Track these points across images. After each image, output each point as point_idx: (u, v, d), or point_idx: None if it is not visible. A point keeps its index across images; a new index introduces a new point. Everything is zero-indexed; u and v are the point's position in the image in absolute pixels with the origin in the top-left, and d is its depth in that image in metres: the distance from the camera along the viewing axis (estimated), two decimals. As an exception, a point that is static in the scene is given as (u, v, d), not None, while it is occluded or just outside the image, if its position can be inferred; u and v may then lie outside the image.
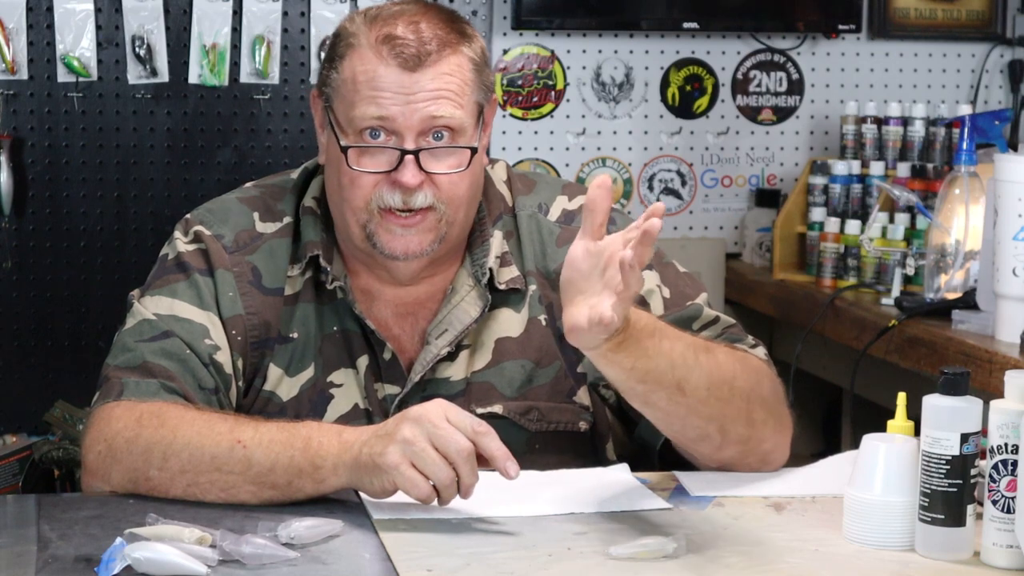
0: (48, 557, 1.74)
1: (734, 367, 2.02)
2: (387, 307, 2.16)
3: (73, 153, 4.02)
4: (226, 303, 2.11)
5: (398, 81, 2.05)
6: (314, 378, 2.13)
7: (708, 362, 1.98)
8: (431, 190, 2.07)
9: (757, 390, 2.04)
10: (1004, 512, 1.76)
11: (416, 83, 2.05)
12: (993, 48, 4.49)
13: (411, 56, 2.05)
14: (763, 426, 2.05)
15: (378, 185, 2.07)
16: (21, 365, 4.02)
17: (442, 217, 2.09)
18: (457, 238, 2.14)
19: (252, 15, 4.03)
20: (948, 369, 1.78)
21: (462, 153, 2.08)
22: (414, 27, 2.07)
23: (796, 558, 1.79)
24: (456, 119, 2.06)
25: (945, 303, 3.30)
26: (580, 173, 4.32)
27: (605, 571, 1.73)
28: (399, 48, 2.05)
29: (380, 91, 2.05)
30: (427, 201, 2.07)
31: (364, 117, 2.06)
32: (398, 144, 2.06)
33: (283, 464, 1.90)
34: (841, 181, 3.98)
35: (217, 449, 1.92)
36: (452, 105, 2.06)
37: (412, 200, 2.07)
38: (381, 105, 2.05)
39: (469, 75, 2.09)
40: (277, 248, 2.16)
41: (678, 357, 1.95)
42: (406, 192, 2.06)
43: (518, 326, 2.16)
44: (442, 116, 2.05)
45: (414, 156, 2.05)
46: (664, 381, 1.94)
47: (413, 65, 2.05)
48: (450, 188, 2.08)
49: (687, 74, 4.36)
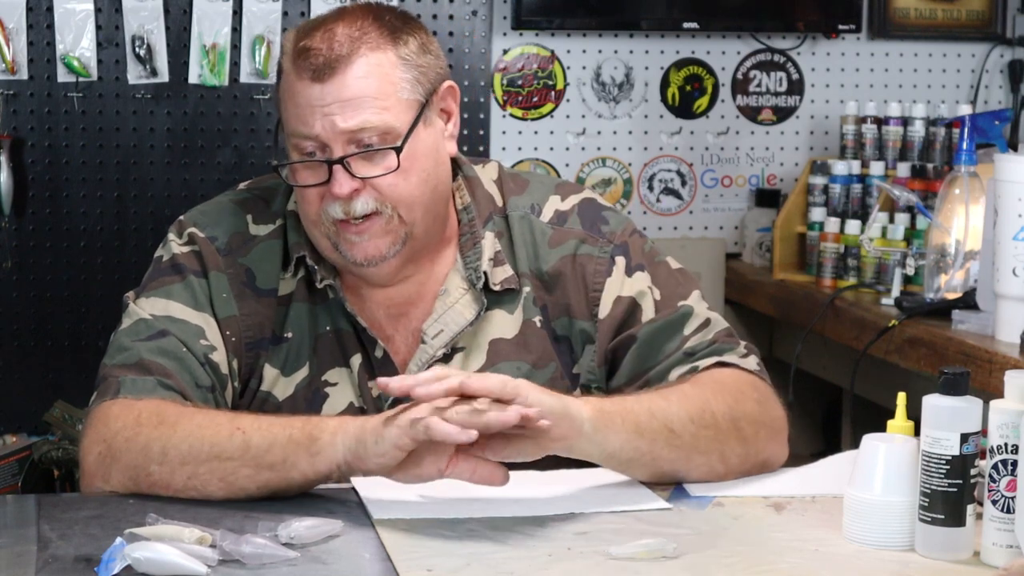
0: (48, 557, 1.74)
1: (704, 395, 2.03)
2: (379, 307, 2.16)
3: (73, 153, 4.02)
4: (220, 304, 2.12)
5: (311, 94, 2.04)
6: (309, 377, 2.13)
7: (679, 399, 2.01)
8: (371, 195, 2.06)
9: (739, 408, 2.05)
10: (1004, 512, 1.76)
11: (329, 94, 2.04)
12: (993, 48, 4.49)
13: (320, 66, 2.04)
14: (755, 438, 2.06)
15: (324, 199, 2.07)
16: (21, 365, 4.02)
17: (391, 219, 2.07)
18: (427, 235, 2.13)
19: (252, 15, 4.03)
20: (948, 369, 1.78)
21: (391, 154, 2.06)
22: (328, 34, 2.06)
23: (796, 558, 1.79)
24: (380, 124, 2.04)
25: (945, 303, 3.30)
26: (580, 173, 4.32)
27: (605, 571, 1.73)
28: (311, 60, 2.04)
29: (300, 107, 2.05)
30: (368, 207, 2.06)
31: (294, 134, 2.07)
32: (329, 156, 2.05)
33: (280, 442, 1.89)
34: (841, 181, 3.98)
35: (216, 438, 1.92)
36: (373, 109, 2.04)
37: (352, 208, 2.06)
38: (304, 122, 2.05)
39: (395, 73, 2.06)
40: (270, 250, 2.16)
41: (652, 404, 1.98)
42: (344, 202, 2.05)
43: (512, 328, 2.16)
44: (361, 127, 2.04)
45: (341, 165, 2.04)
46: (655, 429, 1.97)
47: (322, 75, 2.03)
48: (391, 190, 2.06)
49: (687, 74, 4.36)
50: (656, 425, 1.97)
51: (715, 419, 2.01)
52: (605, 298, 2.16)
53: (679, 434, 1.98)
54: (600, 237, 2.20)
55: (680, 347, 2.13)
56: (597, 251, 2.19)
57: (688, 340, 2.14)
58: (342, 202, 2.05)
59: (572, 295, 2.17)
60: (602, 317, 2.16)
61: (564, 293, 2.17)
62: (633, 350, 2.14)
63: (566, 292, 2.17)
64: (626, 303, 2.16)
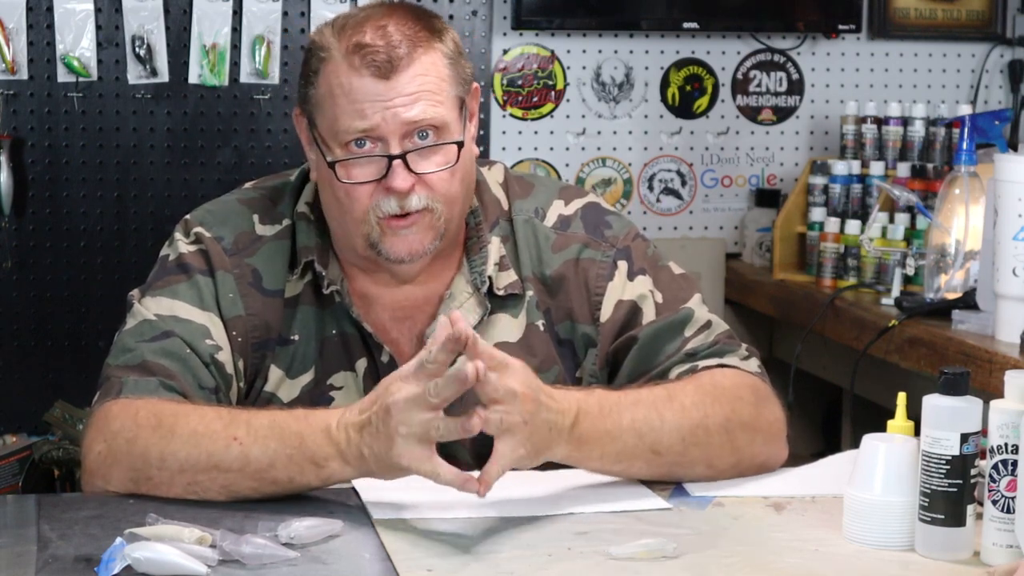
0: (48, 557, 1.74)
1: (703, 405, 2.02)
2: (384, 311, 2.16)
3: (73, 153, 4.02)
4: (227, 304, 2.11)
5: (374, 90, 2.05)
6: (314, 380, 2.13)
7: (674, 415, 2.00)
8: (424, 191, 2.07)
9: (735, 416, 2.04)
10: (1004, 512, 1.76)
11: (392, 89, 2.05)
12: (993, 48, 4.49)
13: (383, 63, 2.04)
14: (750, 446, 2.06)
15: (374, 194, 2.07)
16: (21, 365, 4.02)
17: (440, 216, 2.09)
18: (454, 233, 2.14)
19: (252, 15, 4.02)
20: (948, 369, 1.78)
21: (449, 149, 2.08)
22: (382, 32, 2.06)
23: (796, 558, 1.79)
24: (438, 117, 2.06)
25: (945, 303, 3.30)
26: (580, 173, 4.32)
27: (605, 571, 1.73)
28: (370, 56, 2.05)
29: (359, 102, 2.05)
30: (422, 203, 2.07)
31: (348, 131, 2.06)
32: (384, 151, 2.06)
33: (282, 462, 1.90)
34: (841, 181, 3.98)
35: (213, 447, 1.91)
36: (432, 104, 2.06)
37: (407, 204, 2.06)
38: (362, 116, 2.05)
39: (444, 70, 2.08)
40: (276, 251, 2.16)
41: (643, 424, 1.97)
42: (400, 197, 2.06)
43: (516, 331, 2.16)
44: (424, 117, 2.05)
45: (402, 160, 2.05)
46: (638, 453, 1.97)
47: (386, 72, 2.04)
48: (442, 186, 2.08)
49: (687, 74, 4.36)
50: (640, 449, 1.98)
51: (708, 434, 2.01)
52: (607, 302, 2.16)
53: (663, 455, 1.99)
54: (603, 241, 2.20)
55: (681, 348, 2.13)
56: (600, 255, 2.19)
57: (689, 341, 2.14)
58: (397, 197, 2.06)
59: (575, 299, 2.17)
60: (603, 321, 2.16)
61: (567, 297, 2.18)
62: (634, 350, 2.14)
63: (569, 296, 2.18)
64: (627, 307, 2.16)
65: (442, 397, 1.80)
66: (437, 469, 1.81)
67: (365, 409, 1.87)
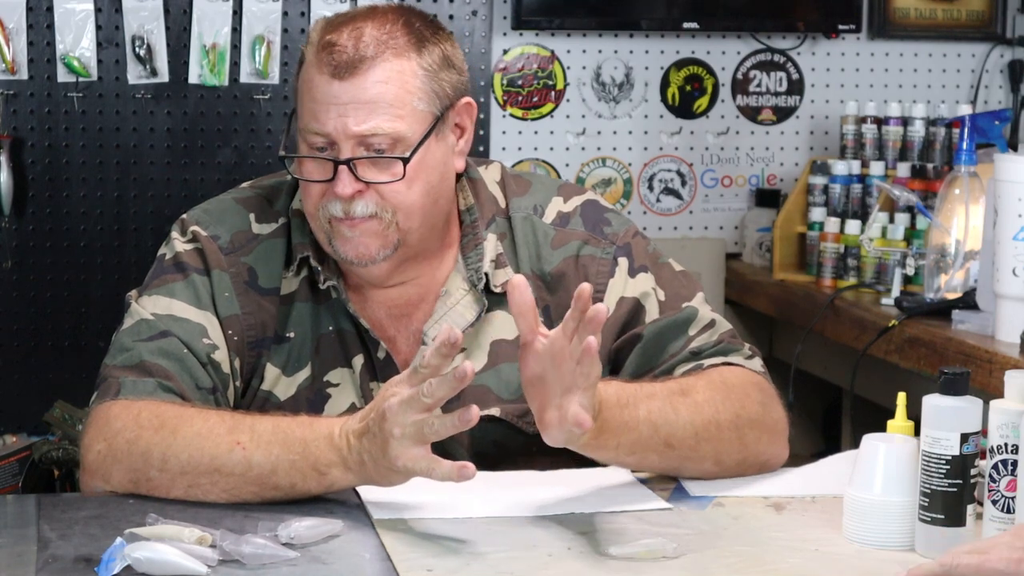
0: (48, 557, 1.74)
1: (715, 402, 2.03)
2: (380, 308, 2.16)
3: (73, 153, 4.02)
4: (223, 303, 2.11)
5: (329, 91, 2.03)
6: (311, 378, 2.13)
7: (688, 409, 2.00)
8: (373, 198, 2.05)
9: (744, 413, 2.05)
10: (1004, 512, 1.76)
11: (346, 92, 2.03)
12: (993, 48, 4.49)
13: (343, 64, 2.02)
14: (757, 443, 2.07)
15: (325, 194, 2.07)
16: (21, 365, 4.02)
17: (389, 224, 2.07)
18: (421, 243, 2.12)
19: (252, 15, 4.03)
20: (948, 369, 1.78)
21: (399, 162, 2.05)
22: (357, 32, 2.04)
23: (796, 558, 1.79)
24: (390, 130, 2.03)
25: (945, 303, 3.30)
26: (580, 173, 4.32)
27: (605, 571, 1.73)
28: (334, 56, 2.03)
29: (316, 102, 2.04)
30: (368, 210, 2.05)
31: (306, 129, 2.06)
32: (335, 154, 2.05)
33: (284, 468, 1.90)
34: (841, 181, 3.98)
35: (216, 451, 1.91)
36: (388, 118, 2.03)
37: (352, 209, 2.05)
38: (316, 118, 2.04)
39: (413, 82, 2.05)
40: (272, 249, 2.16)
41: (658, 417, 1.97)
42: (344, 201, 2.05)
43: (514, 329, 2.15)
44: (374, 132, 2.03)
45: (347, 167, 2.04)
46: (652, 445, 1.97)
47: (343, 73, 2.02)
48: (393, 196, 2.06)
49: (687, 74, 4.37)
50: (655, 442, 1.97)
51: (719, 429, 2.02)
52: (608, 299, 2.16)
53: (676, 448, 1.99)
54: (603, 238, 2.20)
55: (686, 346, 2.13)
56: (600, 252, 2.18)
57: (693, 340, 2.13)
58: (343, 202, 2.05)
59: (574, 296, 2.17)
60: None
61: (567, 294, 2.17)
62: (638, 348, 2.14)
63: (569, 293, 2.17)
64: (630, 304, 2.16)
65: (436, 397, 1.80)
66: (433, 466, 1.81)
67: (364, 416, 1.87)
